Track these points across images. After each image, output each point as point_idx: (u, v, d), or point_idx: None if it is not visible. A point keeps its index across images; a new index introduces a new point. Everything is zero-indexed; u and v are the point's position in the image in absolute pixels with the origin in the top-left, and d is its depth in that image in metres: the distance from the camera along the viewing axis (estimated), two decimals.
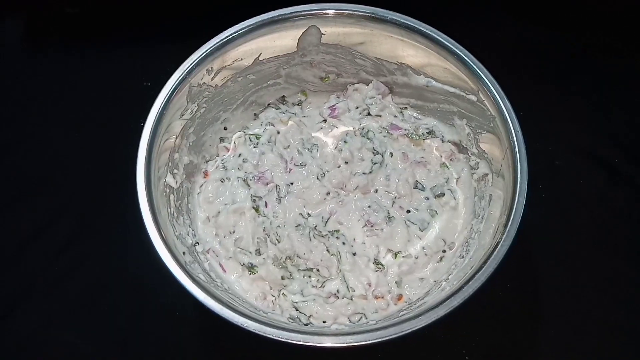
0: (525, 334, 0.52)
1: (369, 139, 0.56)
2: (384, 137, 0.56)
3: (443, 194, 0.54)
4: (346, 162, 0.55)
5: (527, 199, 0.44)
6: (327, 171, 0.55)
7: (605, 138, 0.61)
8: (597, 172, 0.59)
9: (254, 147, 0.56)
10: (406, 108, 0.58)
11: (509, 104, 0.48)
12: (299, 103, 0.59)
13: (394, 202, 0.53)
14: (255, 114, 0.58)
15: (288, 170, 0.55)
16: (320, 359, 0.48)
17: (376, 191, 0.54)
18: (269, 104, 0.59)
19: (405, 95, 0.57)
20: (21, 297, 0.55)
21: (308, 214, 0.53)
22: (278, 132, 0.57)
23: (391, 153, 0.55)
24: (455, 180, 0.55)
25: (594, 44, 0.66)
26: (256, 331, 0.40)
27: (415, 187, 0.54)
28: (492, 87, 0.48)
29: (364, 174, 0.54)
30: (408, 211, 0.53)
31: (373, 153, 0.55)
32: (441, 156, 0.56)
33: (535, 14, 0.68)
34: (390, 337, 0.39)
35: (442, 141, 0.56)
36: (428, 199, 0.54)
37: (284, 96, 0.59)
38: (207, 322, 0.53)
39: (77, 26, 0.69)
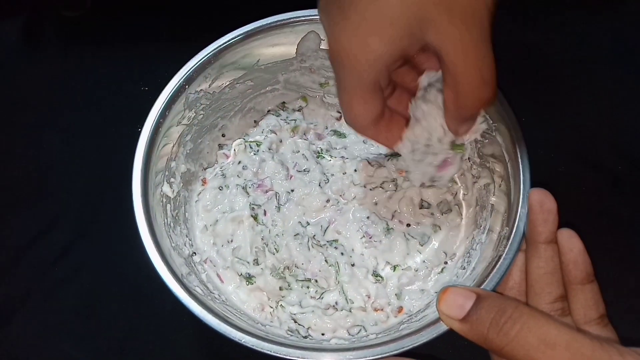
0: None
1: None
2: None
3: (450, 210, 0.53)
4: (355, 170, 0.54)
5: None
6: (332, 175, 0.54)
7: (609, 145, 0.60)
8: (601, 180, 0.59)
9: (254, 154, 0.55)
10: None
11: (511, 111, 0.47)
12: (300, 109, 0.58)
13: (393, 216, 0.52)
14: (255, 121, 0.58)
15: (289, 177, 0.54)
16: None
17: (375, 204, 0.53)
18: (268, 111, 0.58)
19: None
20: (17, 306, 0.54)
21: (307, 222, 0.52)
22: (280, 141, 0.56)
23: None
24: (462, 195, 0.53)
25: (597, 49, 0.66)
26: (254, 347, 0.40)
27: (421, 207, 0.53)
28: None
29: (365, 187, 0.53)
30: (408, 225, 0.52)
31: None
32: None
33: (537, 17, 0.68)
34: (391, 353, 0.39)
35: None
36: (433, 214, 0.53)
37: (284, 102, 0.58)
38: (204, 332, 0.52)
39: (74, 30, 0.68)
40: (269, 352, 0.39)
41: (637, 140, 0.61)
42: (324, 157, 0.55)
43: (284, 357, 0.39)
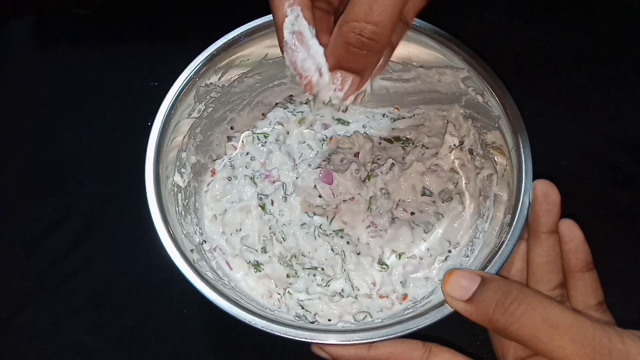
0: None
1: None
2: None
3: (451, 199, 0.54)
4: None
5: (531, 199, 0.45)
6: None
7: (610, 138, 0.61)
8: (602, 173, 0.60)
9: (262, 145, 0.57)
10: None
11: (514, 104, 0.48)
12: (307, 102, 0.59)
13: (397, 205, 0.54)
14: (263, 114, 0.59)
15: (296, 167, 0.55)
16: None
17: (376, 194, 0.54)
18: (276, 104, 0.59)
19: None
20: (31, 294, 0.55)
21: (314, 212, 0.53)
22: (287, 133, 0.57)
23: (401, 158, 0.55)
24: (464, 185, 0.54)
25: (600, 44, 0.66)
26: (264, 328, 0.40)
27: (423, 195, 0.54)
28: (497, 87, 0.48)
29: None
30: (412, 213, 0.53)
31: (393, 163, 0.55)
32: (454, 162, 0.55)
33: (540, 14, 0.69)
34: (396, 334, 0.40)
35: (461, 149, 0.55)
36: (435, 202, 0.54)
37: (291, 95, 0.59)
38: (214, 319, 0.54)
39: (85, 27, 0.70)
40: (278, 334, 0.40)
41: (639, 132, 0.62)
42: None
43: (293, 338, 0.40)
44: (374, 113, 0.59)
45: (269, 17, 0.52)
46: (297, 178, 0.54)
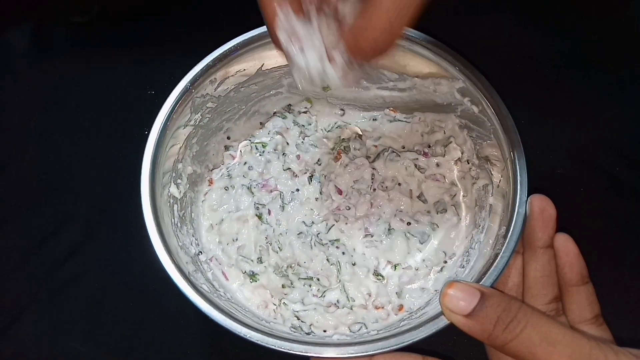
0: None
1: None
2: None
3: (445, 210, 0.54)
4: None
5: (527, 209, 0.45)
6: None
7: (606, 146, 0.61)
8: (599, 181, 0.60)
9: (260, 155, 0.57)
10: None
11: (509, 115, 0.48)
12: (306, 111, 0.60)
13: (395, 214, 0.54)
14: (261, 123, 0.59)
15: (296, 176, 0.55)
16: None
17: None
18: (274, 113, 0.59)
19: None
20: (26, 304, 0.55)
21: (312, 221, 0.54)
22: (288, 144, 0.57)
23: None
24: (461, 197, 0.55)
25: (595, 52, 0.67)
26: (259, 342, 0.41)
27: (419, 198, 0.54)
28: (492, 98, 0.48)
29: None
30: (409, 223, 0.53)
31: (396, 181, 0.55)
32: (456, 174, 0.55)
33: (535, 22, 0.69)
34: (392, 347, 0.40)
35: (460, 160, 0.55)
36: (429, 212, 0.54)
37: (289, 104, 0.59)
38: (210, 329, 0.54)
39: (82, 35, 0.70)
40: (273, 347, 0.40)
41: (635, 142, 0.62)
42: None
43: (288, 351, 0.40)
44: (373, 116, 0.59)
45: (265, 28, 0.52)
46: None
